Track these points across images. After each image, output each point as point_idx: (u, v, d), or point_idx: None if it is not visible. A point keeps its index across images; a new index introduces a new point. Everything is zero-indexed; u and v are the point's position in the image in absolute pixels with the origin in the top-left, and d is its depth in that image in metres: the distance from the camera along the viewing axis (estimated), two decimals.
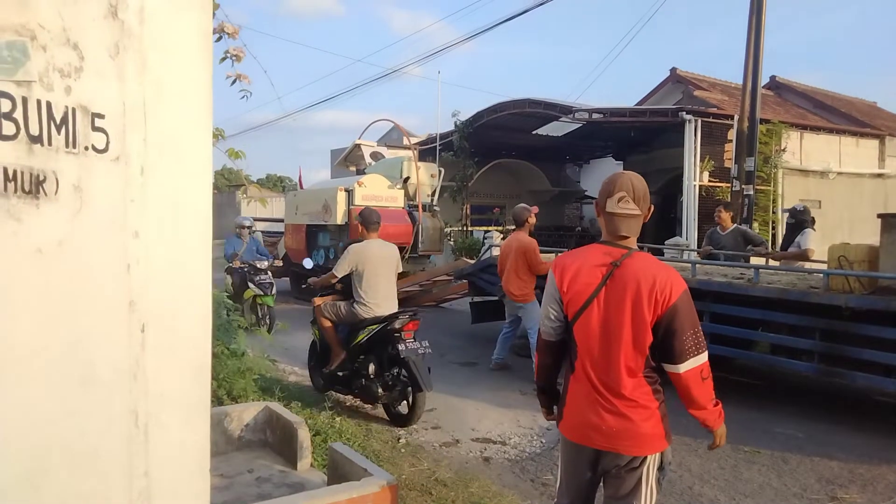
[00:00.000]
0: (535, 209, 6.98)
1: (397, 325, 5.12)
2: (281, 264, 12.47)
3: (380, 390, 5.15)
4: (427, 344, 5.22)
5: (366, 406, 5.60)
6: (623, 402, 2.23)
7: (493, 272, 8.43)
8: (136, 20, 1.57)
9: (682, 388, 2.23)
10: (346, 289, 5.47)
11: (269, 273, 9.04)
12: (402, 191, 12.18)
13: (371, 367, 5.19)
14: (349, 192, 11.45)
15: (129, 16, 1.55)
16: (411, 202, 12.28)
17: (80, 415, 1.46)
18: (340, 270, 5.27)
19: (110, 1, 1.52)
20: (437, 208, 12.77)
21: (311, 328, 5.91)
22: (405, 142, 14.72)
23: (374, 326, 5.19)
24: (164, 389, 1.64)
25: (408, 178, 12.29)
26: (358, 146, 13.86)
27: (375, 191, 11.73)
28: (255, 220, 17.00)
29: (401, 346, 5.03)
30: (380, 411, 5.43)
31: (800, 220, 7.05)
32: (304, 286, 11.27)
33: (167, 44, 1.65)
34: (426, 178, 12.56)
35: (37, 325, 1.39)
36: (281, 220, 14.71)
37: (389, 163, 13.21)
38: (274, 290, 8.94)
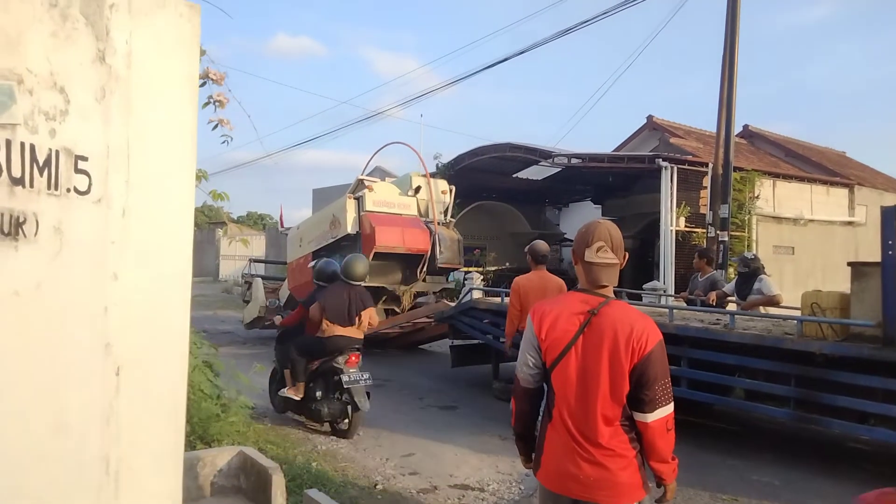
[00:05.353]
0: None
1: None
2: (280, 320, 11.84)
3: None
4: None
5: (340, 450, 5.56)
6: (600, 451, 2.23)
7: (474, 315, 8.38)
8: (123, 65, 1.59)
9: (647, 438, 2.25)
10: None
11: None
12: (414, 199, 11.51)
13: None
14: (359, 199, 10.82)
15: (116, 60, 1.58)
16: (424, 219, 11.48)
17: (50, 461, 1.43)
18: None
19: (98, 46, 1.54)
20: (452, 220, 12.05)
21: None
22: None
23: None
24: (137, 435, 1.61)
25: (419, 188, 11.61)
26: (361, 182, 13.24)
27: (387, 197, 11.08)
28: (254, 261, 15.96)
29: None
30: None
31: (753, 269, 7.18)
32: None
33: (153, 88, 1.67)
34: (437, 194, 11.81)
35: (10, 369, 1.37)
36: (282, 262, 13.59)
37: (398, 180, 12.48)
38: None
